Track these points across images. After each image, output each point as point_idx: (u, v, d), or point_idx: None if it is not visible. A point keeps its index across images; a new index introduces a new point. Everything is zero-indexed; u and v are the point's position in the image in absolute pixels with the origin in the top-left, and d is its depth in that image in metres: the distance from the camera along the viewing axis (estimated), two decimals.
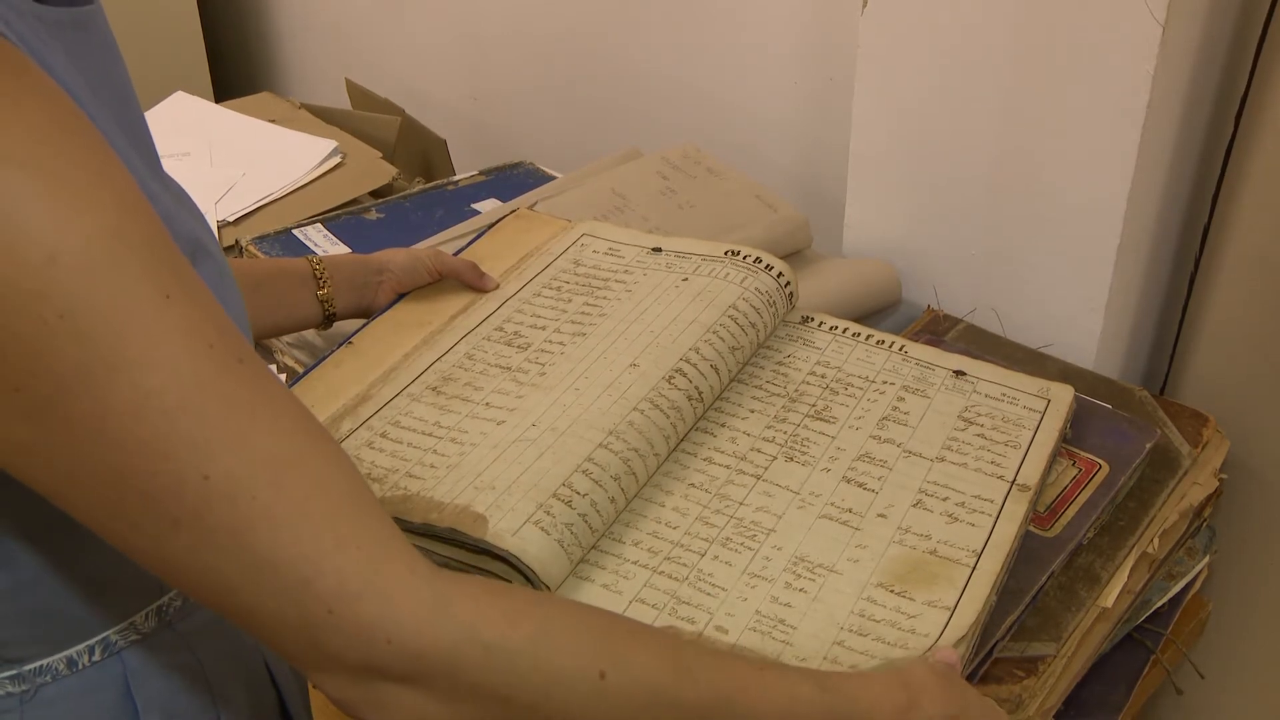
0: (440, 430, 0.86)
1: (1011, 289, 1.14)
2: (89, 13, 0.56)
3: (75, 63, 0.54)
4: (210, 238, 0.63)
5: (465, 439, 0.85)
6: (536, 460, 0.81)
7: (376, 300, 1.00)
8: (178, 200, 0.62)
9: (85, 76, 0.54)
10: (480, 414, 0.87)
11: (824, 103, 1.42)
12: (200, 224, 0.63)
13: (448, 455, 0.83)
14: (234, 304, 0.61)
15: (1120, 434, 0.93)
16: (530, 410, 0.87)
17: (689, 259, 1.04)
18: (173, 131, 1.65)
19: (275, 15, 2.54)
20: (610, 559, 0.79)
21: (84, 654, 0.62)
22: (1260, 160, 1.01)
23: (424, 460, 0.83)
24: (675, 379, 0.88)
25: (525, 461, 0.81)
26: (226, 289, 0.60)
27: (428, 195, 1.43)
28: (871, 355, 0.98)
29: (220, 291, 0.58)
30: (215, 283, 0.58)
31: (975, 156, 1.10)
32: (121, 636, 0.64)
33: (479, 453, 0.83)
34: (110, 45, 0.59)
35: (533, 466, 0.80)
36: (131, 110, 0.60)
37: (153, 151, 0.61)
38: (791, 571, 0.78)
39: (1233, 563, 1.12)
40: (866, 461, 0.87)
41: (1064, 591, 0.82)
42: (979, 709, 0.66)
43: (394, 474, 0.82)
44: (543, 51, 1.85)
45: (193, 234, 0.58)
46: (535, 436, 0.83)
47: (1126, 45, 0.95)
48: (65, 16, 0.54)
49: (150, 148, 0.61)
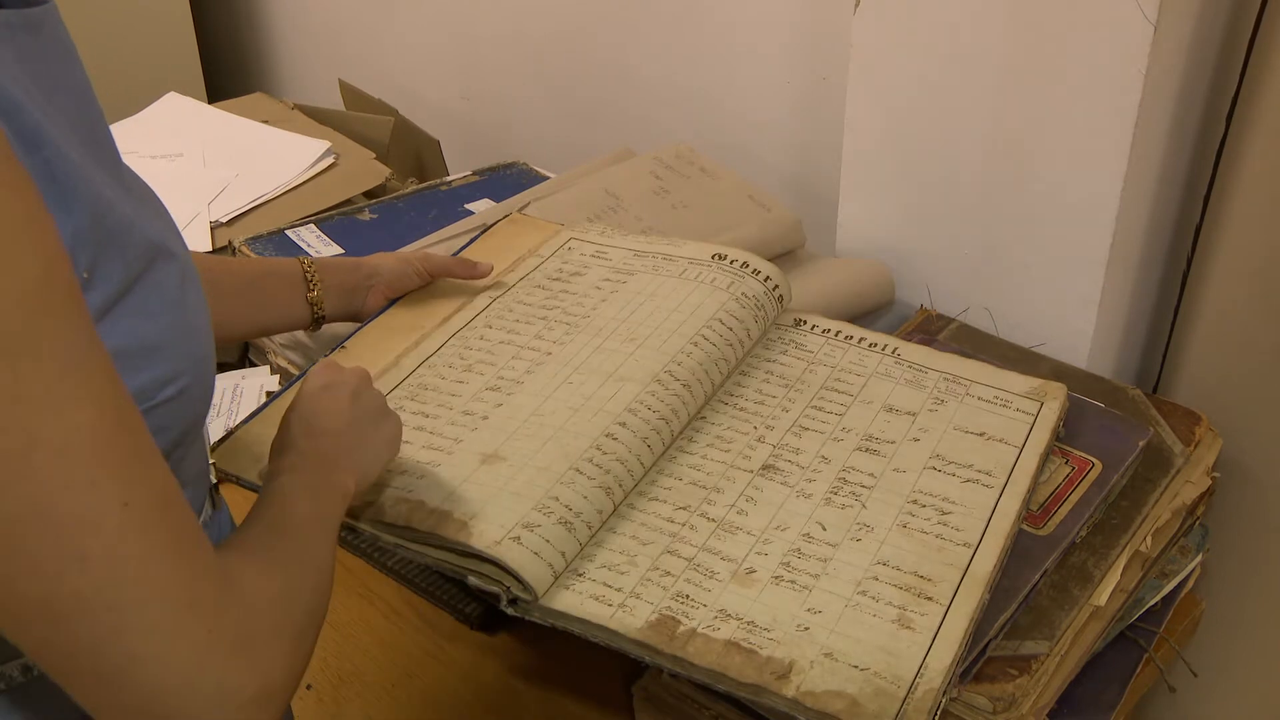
0: (423, 435, 0.86)
1: (1004, 288, 1.14)
2: (42, 13, 0.55)
3: (26, 65, 0.52)
4: (176, 239, 0.62)
5: (449, 445, 0.85)
6: (519, 471, 0.81)
7: (367, 305, 1.00)
8: (141, 201, 0.61)
9: (37, 79, 0.53)
10: (461, 421, 0.87)
11: (817, 102, 1.42)
12: (165, 224, 0.63)
13: (432, 459, 0.83)
14: (198, 309, 0.61)
15: (1113, 432, 0.94)
16: (512, 418, 0.87)
17: (675, 262, 1.04)
18: (165, 132, 1.64)
19: (268, 16, 2.54)
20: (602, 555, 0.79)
21: None
22: (1252, 159, 1.02)
23: (408, 464, 0.83)
24: (659, 389, 0.88)
25: (507, 473, 0.81)
26: (190, 293, 0.59)
27: (421, 196, 1.43)
28: (864, 359, 0.98)
29: (182, 295, 0.58)
30: (176, 286, 0.57)
31: (968, 156, 1.10)
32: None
33: (462, 459, 0.83)
34: (66, 47, 0.57)
35: (516, 477, 0.80)
36: (88, 113, 0.58)
37: (112, 154, 0.60)
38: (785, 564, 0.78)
39: (1226, 561, 1.12)
40: (860, 463, 0.87)
41: (1057, 590, 0.82)
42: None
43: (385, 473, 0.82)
44: (536, 51, 1.85)
45: (155, 238, 0.57)
46: (517, 446, 0.83)
47: (1118, 44, 0.95)
48: (15, 18, 0.53)
49: (110, 150, 0.59)
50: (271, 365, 1.20)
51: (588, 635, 0.74)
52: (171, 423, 0.58)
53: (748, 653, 0.72)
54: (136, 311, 0.55)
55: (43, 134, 0.50)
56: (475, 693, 0.90)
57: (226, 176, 1.50)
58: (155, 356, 0.56)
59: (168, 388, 0.57)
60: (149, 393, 0.56)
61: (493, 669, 0.92)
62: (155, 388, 0.56)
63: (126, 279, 0.54)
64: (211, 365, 0.63)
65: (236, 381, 1.18)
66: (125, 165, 0.63)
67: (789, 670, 0.71)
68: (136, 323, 0.55)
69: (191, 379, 0.58)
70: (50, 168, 0.50)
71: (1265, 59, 0.98)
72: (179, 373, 0.57)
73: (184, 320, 0.58)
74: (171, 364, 0.57)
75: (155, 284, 0.56)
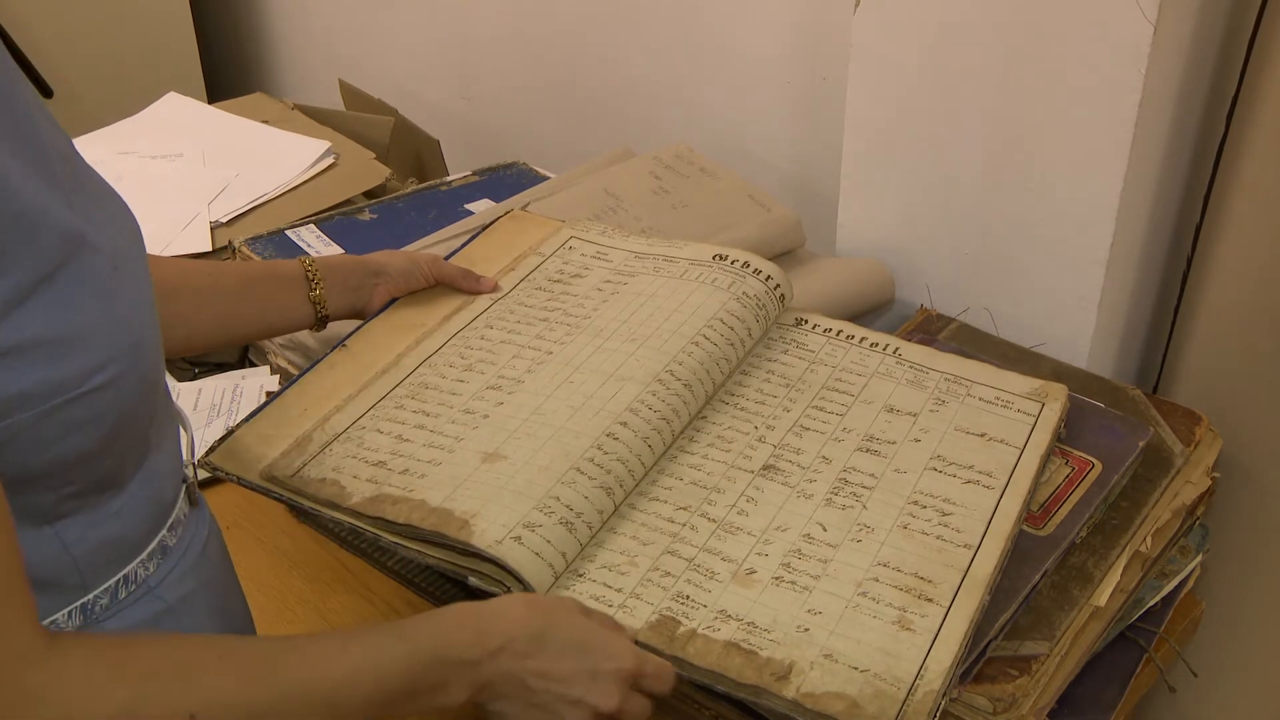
0: (424, 434, 0.86)
1: (1004, 288, 1.14)
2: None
3: None
4: (115, 237, 0.61)
5: (450, 443, 0.85)
6: (520, 470, 0.81)
7: (371, 303, 1.00)
8: (90, 197, 0.61)
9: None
10: (462, 420, 0.88)
11: (816, 102, 1.42)
12: (122, 226, 0.63)
13: (433, 458, 0.83)
14: (132, 298, 0.61)
15: (1113, 433, 0.94)
16: (513, 417, 0.87)
17: (676, 263, 1.04)
18: (165, 132, 1.64)
19: (268, 16, 2.54)
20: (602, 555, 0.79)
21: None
22: (1252, 159, 1.02)
23: (409, 463, 0.83)
24: (660, 389, 0.88)
25: (508, 472, 0.81)
26: (122, 283, 0.59)
27: (421, 196, 1.43)
28: (865, 358, 0.98)
29: (111, 284, 0.58)
30: (103, 276, 0.57)
31: (968, 156, 1.10)
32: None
33: (462, 458, 0.83)
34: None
35: (516, 476, 0.80)
36: (14, 116, 0.57)
37: (37, 144, 0.58)
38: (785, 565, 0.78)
39: (1225, 561, 1.12)
40: (861, 463, 0.87)
41: (1057, 590, 0.82)
42: (566, 623, 0.69)
43: (381, 472, 0.82)
44: (535, 52, 1.85)
45: (74, 229, 0.56)
46: (518, 445, 0.83)
47: (1118, 45, 0.95)
48: None
49: (34, 139, 0.58)
50: (271, 365, 1.20)
51: None
52: (105, 410, 0.58)
53: (748, 654, 0.72)
54: (56, 302, 0.55)
55: None
56: None
57: (226, 176, 1.50)
58: (80, 346, 0.56)
59: (96, 375, 0.57)
60: (74, 381, 0.56)
61: None
62: (81, 377, 0.56)
63: (40, 268, 0.54)
64: (153, 355, 0.63)
65: (236, 381, 1.18)
66: (82, 163, 0.62)
67: (789, 671, 0.71)
68: (56, 313, 0.55)
69: (123, 368, 0.58)
70: None
71: (1265, 59, 0.98)
72: (108, 361, 0.57)
73: (112, 310, 0.58)
74: (99, 353, 0.57)
75: (77, 275, 0.56)
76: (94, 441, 0.59)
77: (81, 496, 0.60)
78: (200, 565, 0.70)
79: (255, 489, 0.84)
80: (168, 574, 0.67)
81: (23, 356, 0.54)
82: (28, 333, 0.53)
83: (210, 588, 0.72)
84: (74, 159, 0.62)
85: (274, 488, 0.83)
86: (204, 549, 0.71)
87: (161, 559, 0.67)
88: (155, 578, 0.66)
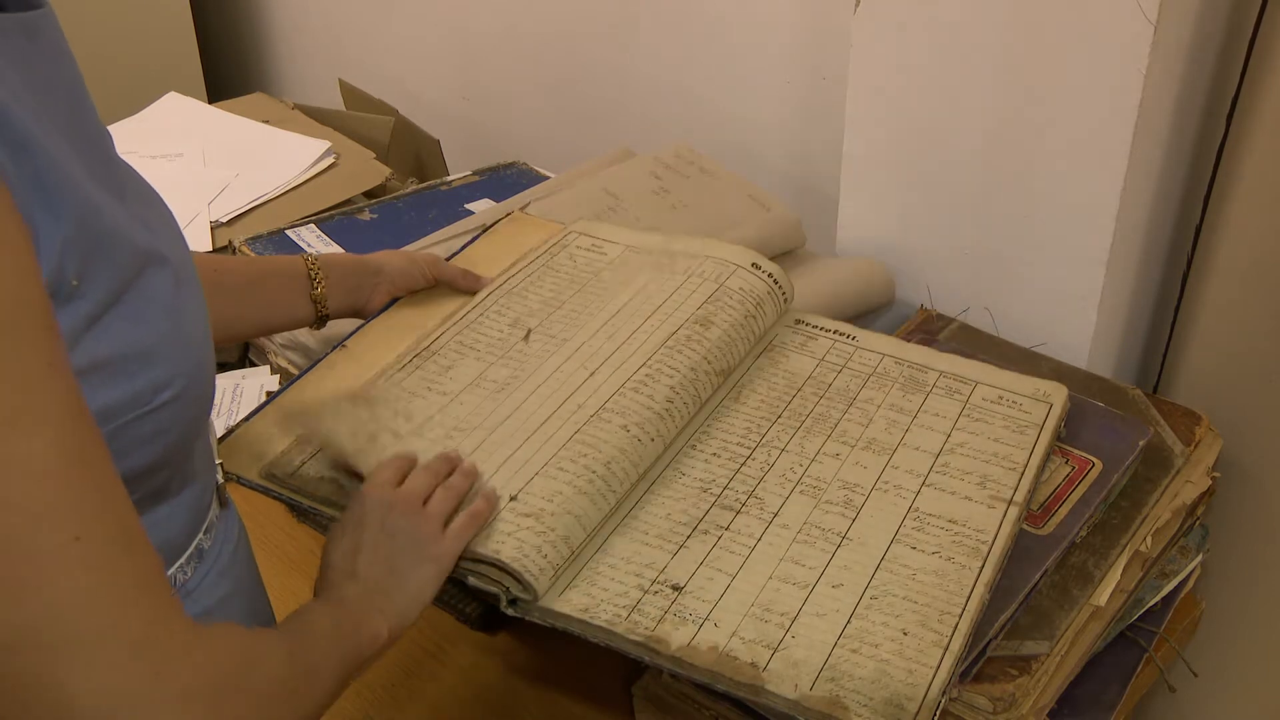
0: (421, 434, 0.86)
1: (1004, 288, 1.14)
2: (38, 17, 0.55)
3: (20, 69, 0.53)
4: (174, 242, 0.62)
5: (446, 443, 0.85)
6: (519, 470, 0.81)
7: (371, 302, 1.00)
8: (145, 203, 0.62)
9: (30, 83, 0.53)
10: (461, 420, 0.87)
11: (816, 102, 1.42)
12: (164, 226, 0.63)
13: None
14: (194, 313, 0.61)
15: (1113, 432, 0.94)
16: (512, 417, 0.86)
17: (677, 260, 1.03)
18: (165, 132, 1.64)
19: (268, 16, 2.54)
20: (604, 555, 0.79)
21: None
22: (1253, 159, 1.02)
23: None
24: (661, 388, 0.88)
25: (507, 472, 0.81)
26: (185, 298, 0.60)
27: (421, 196, 1.43)
28: (865, 359, 0.98)
29: (176, 300, 0.58)
30: (169, 292, 0.58)
31: (968, 156, 1.10)
32: None
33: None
34: (62, 50, 0.58)
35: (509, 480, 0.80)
36: (82, 117, 0.58)
37: (106, 157, 0.60)
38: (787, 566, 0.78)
39: (1226, 561, 1.12)
40: (863, 463, 0.87)
41: (1057, 590, 0.82)
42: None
43: None
44: (535, 51, 1.85)
45: (144, 244, 0.57)
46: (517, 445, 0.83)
47: (1118, 44, 0.95)
48: (10, 23, 0.53)
49: (103, 153, 0.59)
50: (271, 365, 1.20)
51: (587, 636, 0.74)
52: (170, 425, 0.58)
53: (748, 653, 0.72)
54: (129, 317, 0.55)
55: (33, 141, 0.50)
56: (475, 693, 0.90)
57: (226, 176, 1.50)
58: (150, 361, 0.56)
59: (164, 392, 0.57)
60: (145, 397, 0.56)
61: (493, 669, 0.92)
62: (151, 392, 0.56)
63: (117, 285, 0.54)
64: (210, 369, 0.63)
65: (237, 381, 1.18)
66: (127, 166, 0.63)
67: (789, 671, 0.71)
68: (129, 328, 0.55)
69: (188, 382, 0.58)
70: (39, 175, 0.50)
71: (1265, 59, 0.98)
72: (175, 376, 0.57)
73: (179, 326, 0.58)
74: (167, 368, 0.57)
75: (147, 290, 0.56)
76: (158, 455, 0.59)
77: (138, 506, 0.60)
78: (233, 566, 0.71)
79: (255, 488, 0.84)
80: (204, 577, 0.67)
81: (101, 372, 0.53)
82: (105, 350, 0.53)
83: (242, 588, 0.72)
84: (119, 162, 0.62)
85: (274, 486, 0.83)
86: (235, 550, 0.72)
87: (199, 562, 0.67)
88: (193, 581, 0.66)
